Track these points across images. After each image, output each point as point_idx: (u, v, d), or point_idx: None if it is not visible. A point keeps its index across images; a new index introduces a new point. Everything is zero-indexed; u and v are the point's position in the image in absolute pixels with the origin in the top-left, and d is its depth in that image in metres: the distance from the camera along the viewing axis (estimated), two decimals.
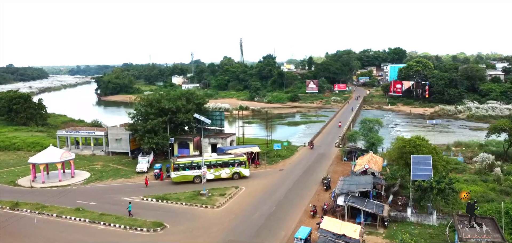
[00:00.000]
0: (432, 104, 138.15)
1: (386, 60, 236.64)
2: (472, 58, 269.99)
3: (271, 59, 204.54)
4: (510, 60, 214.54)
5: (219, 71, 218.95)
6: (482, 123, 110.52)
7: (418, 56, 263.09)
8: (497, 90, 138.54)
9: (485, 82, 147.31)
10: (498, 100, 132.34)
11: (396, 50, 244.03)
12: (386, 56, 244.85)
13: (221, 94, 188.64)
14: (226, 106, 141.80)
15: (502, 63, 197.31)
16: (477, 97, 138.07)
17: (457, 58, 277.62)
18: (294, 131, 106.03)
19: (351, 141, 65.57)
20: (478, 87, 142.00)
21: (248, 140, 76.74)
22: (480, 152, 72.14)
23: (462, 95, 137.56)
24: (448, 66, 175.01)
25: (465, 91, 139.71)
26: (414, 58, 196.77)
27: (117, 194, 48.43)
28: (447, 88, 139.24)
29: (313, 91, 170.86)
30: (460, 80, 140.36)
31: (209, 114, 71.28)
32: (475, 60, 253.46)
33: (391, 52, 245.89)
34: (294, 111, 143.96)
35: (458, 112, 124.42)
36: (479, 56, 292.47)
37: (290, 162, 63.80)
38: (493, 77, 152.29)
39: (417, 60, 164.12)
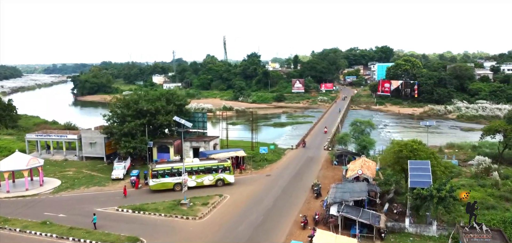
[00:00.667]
0: (421, 104, 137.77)
1: (373, 58, 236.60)
2: (459, 57, 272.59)
3: (256, 57, 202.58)
4: (497, 59, 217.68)
5: (201, 70, 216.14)
6: (472, 124, 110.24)
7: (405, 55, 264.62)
8: (486, 90, 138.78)
9: (474, 81, 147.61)
10: (487, 99, 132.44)
11: (383, 49, 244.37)
12: (373, 54, 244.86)
13: (204, 94, 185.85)
14: (209, 107, 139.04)
15: (489, 62, 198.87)
16: (466, 96, 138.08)
17: (444, 57, 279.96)
18: (280, 132, 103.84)
19: (342, 144, 63.51)
20: (467, 86, 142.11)
21: (233, 143, 74.13)
22: (474, 154, 71.15)
23: (451, 95, 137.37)
24: (436, 65, 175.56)
25: (454, 90, 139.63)
26: (401, 57, 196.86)
27: (89, 204, 45.22)
28: (436, 88, 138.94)
29: (299, 90, 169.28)
30: (449, 80, 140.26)
31: (191, 116, 68.43)
32: (462, 59, 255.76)
33: (378, 50, 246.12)
34: (280, 112, 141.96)
35: (448, 112, 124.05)
36: (466, 55, 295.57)
37: (278, 166, 61.41)
38: (482, 76, 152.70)
39: (406, 58, 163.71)
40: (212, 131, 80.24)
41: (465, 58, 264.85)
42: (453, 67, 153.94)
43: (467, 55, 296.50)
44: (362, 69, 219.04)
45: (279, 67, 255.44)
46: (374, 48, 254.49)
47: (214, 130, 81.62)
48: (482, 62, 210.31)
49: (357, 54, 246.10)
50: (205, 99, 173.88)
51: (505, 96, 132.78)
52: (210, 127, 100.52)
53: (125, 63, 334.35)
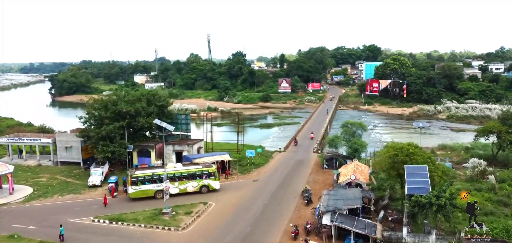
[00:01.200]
0: (410, 103, 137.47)
1: (360, 57, 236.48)
2: (446, 56, 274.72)
3: (241, 56, 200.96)
4: (484, 58, 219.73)
5: (185, 69, 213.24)
6: (463, 124, 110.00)
7: (392, 54, 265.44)
8: (475, 89, 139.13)
9: (463, 80, 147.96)
10: (477, 99, 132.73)
11: (371, 48, 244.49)
12: (360, 53, 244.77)
13: (188, 94, 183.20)
14: (193, 107, 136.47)
15: (477, 61, 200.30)
16: (456, 96, 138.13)
17: (432, 56, 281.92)
18: (267, 134, 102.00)
19: (332, 147, 61.84)
20: (456, 86, 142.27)
21: (218, 146, 71.93)
22: (466, 156, 70.48)
23: (440, 95, 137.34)
24: (424, 64, 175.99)
25: (444, 90, 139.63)
26: (389, 56, 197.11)
27: (63, 214, 42.56)
28: (425, 87, 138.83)
29: (285, 90, 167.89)
30: (438, 79, 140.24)
31: (174, 118, 66.09)
32: (449, 58, 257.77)
33: (366, 49, 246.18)
34: (266, 112, 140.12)
35: (437, 112, 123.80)
36: (453, 54, 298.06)
37: (265, 170, 59.45)
38: (470, 76, 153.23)
39: (394, 57, 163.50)
40: (196, 133, 78.03)
41: (453, 57, 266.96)
42: (441, 66, 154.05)
43: (454, 54, 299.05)
44: (350, 69, 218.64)
45: (265, 66, 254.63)
46: (362, 47, 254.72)
47: (198, 132, 79.30)
48: (469, 61, 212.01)
49: (344, 53, 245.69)
50: (189, 99, 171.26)
51: (494, 96, 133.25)
52: (194, 129, 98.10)
53: (106, 62, 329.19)
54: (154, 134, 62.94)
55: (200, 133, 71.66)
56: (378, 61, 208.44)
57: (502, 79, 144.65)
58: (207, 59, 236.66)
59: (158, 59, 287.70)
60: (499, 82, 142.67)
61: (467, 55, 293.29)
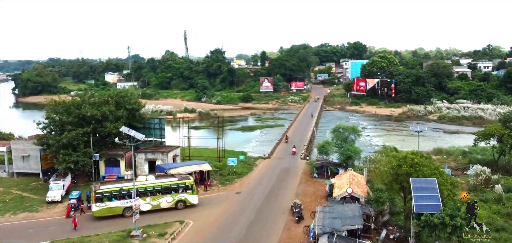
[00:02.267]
0: (399, 104, 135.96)
1: (345, 55, 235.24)
2: (432, 54, 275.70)
3: (220, 54, 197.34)
4: (472, 56, 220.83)
5: (160, 68, 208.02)
6: (456, 125, 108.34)
7: (377, 51, 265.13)
8: (466, 88, 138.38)
9: (453, 79, 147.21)
10: (468, 99, 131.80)
11: (356, 45, 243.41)
12: (345, 51, 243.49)
13: (163, 93, 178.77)
14: (168, 109, 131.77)
15: (465, 59, 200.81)
16: (446, 95, 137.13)
17: (417, 53, 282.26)
18: (248, 137, 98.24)
19: (322, 153, 58.21)
20: (446, 85, 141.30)
21: (196, 152, 67.54)
22: (464, 161, 68.13)
23: (430, 94, 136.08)
24: (412, 62, 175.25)
25: (433, 89, 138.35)
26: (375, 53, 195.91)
27: (15, 238, 37.73)
28: (414, 87, 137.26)
29: (267, 90, 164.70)
30: (427, 78, 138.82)
31: (146, 122, 61.53)
32: (435, 56, 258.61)
33: (351, 47, 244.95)
34: (248, 113, 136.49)
35: (428, 113, 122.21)
36: (439, 52, 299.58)
37: (249, 181, 55.46)
38: (460, 74, 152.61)
39: (382, 55, 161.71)
40: (172, 137, 73.30)
41: (439, 55, 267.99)
42: (430, 64, 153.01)
43: (440, 52, 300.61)
44: (334, 67, 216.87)
45: (245, 65, 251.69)
46: (346, 44, 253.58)
47: (174, 136, 74.50)
48: (456, 58, 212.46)
49: (328, 50, 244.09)
50: (164, 99, 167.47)
51: (485, 95, 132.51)
52: (170, 133, 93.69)
53: (75, 60, 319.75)
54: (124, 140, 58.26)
55: (176, 138, 67.07)
56: (363, 59, 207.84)
57: (493, 78, 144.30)
58: (184, 56, 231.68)
59: (131, 56, 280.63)
60: (490, 80, 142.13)
61: (453, 52, 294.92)
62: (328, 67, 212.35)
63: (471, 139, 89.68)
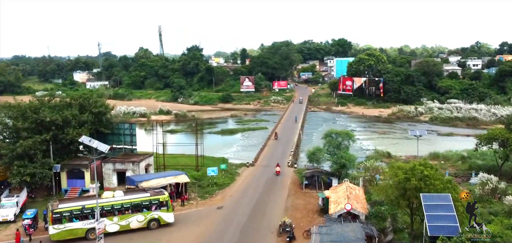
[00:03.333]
0: (388, 104, 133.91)
1: (329, 53, 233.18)
2: (418, 51, 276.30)
3: (197, 51, 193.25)
4: (460, 53, 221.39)
5: (133, 66, 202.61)
6: (449, 127, 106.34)
7: (361, 49, 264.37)
8: (457, 87, 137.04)
9: (443, 78, 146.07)
10: (459, 98, 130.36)
11: (341, 42, 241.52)
12: (329, 48, 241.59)
13: (136, 94, 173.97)
14: (142, 110, 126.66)
15: (454, 57, 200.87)
16: (436, 95, 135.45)
17: (403, 51, 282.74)
18: (229, 141, 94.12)
19: (313, 161, 54.48)
20: (436, 84, 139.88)
21: (172, 160, 63.29)
22: (464, 167, 65.58)
23: (420, 93, 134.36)
24: (400, 60, 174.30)
25: (423, 88, 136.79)
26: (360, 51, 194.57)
27: None
28: (403, 86, 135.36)
29: (248, 89, 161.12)
30: (417, 77, 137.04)
31: (115, 128, 56.89)
32: (422, 53, 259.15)
33: (335, 44, 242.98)
34: (227, 115, 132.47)
35: (419, 114, 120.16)
36: (425, 49, 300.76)
37: (231, 193, 51.40)
38: (450, 73, 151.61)
39: (369, 52, 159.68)
40: (145, 143, 67.97)
41: (425, 52, 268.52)
42: (419, 62, 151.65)
43: (426, 49, 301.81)
44: (318, 65, 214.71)
45: (224, 63, 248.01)
46: (330, 41, 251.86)
47: (147, 141, 68.66)
48: (444, 56, 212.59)
49: (311, 47, 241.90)
50: (138, 100, 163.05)
51: (477, 95, 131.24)
52: (143, 136, 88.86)
53: (41, 57, 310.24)
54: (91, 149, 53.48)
55: (150, 144, 62.20)
56: (348, 56, 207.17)
57: (485, 77, 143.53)
58: (159, 54, 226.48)
59: (102, 54, 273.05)
60: (482, 79, 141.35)
61: (439, 50, 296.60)
62: (312, 65, 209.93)
63: (466, 142, 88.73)
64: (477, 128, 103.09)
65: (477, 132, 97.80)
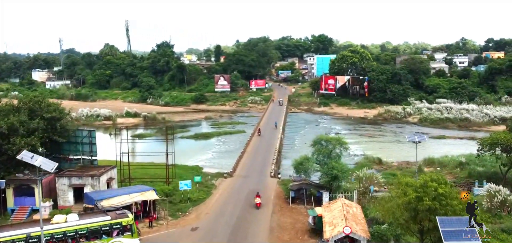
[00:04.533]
0: (373, 104, 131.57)
1: (309, 49, 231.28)
2: (401, 48, 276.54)
3: (168, 48, 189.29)
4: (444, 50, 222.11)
5: (98, 64, 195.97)
6: (440, 129, 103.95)
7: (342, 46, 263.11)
8: (445, 86, 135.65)
9: (430, 76, 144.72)
10: (448, 97, 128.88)
11: (321, 38, 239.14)
12: (309, 45, 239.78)
13: (101, 94, 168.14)
14: (107, 112, 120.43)
15: (440, 54, 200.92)
16: (423, 94, 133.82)
17: (386, 47, 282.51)
18: (204, 146, 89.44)
19: (300, 172, 50.20)
20: (423, 82, 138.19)
21: (140, 170, 58.09)
22: (462, 174, 62.60)
23: (407, 93, 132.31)
24: (384, 57, 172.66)
25: (410, 87, 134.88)
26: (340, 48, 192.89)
27: None
28: (389, 85, 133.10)
29: (224, 89, 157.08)
30: (404, 75, 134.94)
31: (71, 136, 51.55)
32: (404, 50, 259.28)
33: (315, 40, 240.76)
34: (201, 117, 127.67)
35: (407, 115, 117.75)
36: (408, 46, 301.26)
37: (207, 210, 46.75)
38: (437, 70, 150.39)
39: (353, 49, 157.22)
40: (109, 150, 62.23)
41: (408, 49, 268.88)
42: (406, 59, 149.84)
43: (408, 46, 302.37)
44: (298, 62, 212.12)
45: (197, 60, 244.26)
46: (310, 37, 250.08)
47: (112, 148, 62.73)
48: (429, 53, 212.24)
49: (290, 44, 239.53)
50: (102, 101, 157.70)
51: (466, 94, 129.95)
52: (108, 142, 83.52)
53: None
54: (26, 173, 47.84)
55: (114, 152, 56.71)
56: (329, 53, 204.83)
57: (473, 75, 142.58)
58: (126, 51, 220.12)
59: (64, 51, 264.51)
60: (471, 77, 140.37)
61: (423, 46, 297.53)
62: (291, 62, 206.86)
63: (460, 145, 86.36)
64: (469, 130, 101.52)
65: (470, 135, 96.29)
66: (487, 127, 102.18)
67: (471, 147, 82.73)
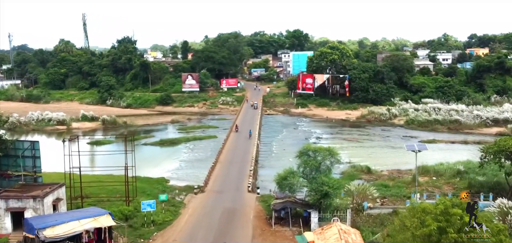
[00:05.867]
0: (355, 104, 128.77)
1: (283, 46, 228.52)
2: (380, 45, 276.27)
3: (130, 44, 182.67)
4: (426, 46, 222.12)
5: (52, 61, 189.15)
6: (428, 132, 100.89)
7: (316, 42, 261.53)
8: (431, 85, 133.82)
9: (414, 74, 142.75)
10: (434, 97, 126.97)
11: (296, 34, 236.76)
12: (283, 41, 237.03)
13: (55, 95, 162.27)
14: (60, 116, 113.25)
15: (423, 50, 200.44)
16: (408, 94, 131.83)
17: (364, 44, 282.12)
18: (170, 154, 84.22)
19: (284, 188, 45.24)
20: (408, 81, 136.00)
21: (95, 186, 52.40)
22: (462, 184, 59.19)
23: (390, 93, 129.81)
24: (364, 54, 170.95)
25: (394, 86, 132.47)
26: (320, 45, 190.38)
27: None
28: (371, 83, 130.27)
29: (192, 89, 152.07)
30: (387, 73, 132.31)
31: (10, 148, 45.57)
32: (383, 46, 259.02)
33: (290, 35, 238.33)
34: (167, 120, 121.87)
35: (392, 116, 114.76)
36: (387, 42, 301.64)
37: (175, 236, 41.55)
38: (422, 68, 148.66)
39: (332, 45, 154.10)
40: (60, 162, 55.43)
41: (387, 45, 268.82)
42: (389, 56, 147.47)
43: (387, 42, 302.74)
44: (272, 59, 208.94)
45: (162, 57, 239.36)
46: (285, 32, 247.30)
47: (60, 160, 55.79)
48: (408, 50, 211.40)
49: (263, 40, 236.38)
50: (57, 103, 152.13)
51: (454, 93, 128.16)
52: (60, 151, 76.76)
53: None
54: None
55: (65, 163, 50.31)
56: (305, 50, 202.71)
57: (460, 73, 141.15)
58: (83, 47, 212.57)
59: (15, 47, 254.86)
60: (458, 76, 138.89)
61: (402, 43, 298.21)
62: (264, 59, 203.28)
63: (453, 150, 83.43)
64: (460, 133, 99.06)
65: (462, 138, 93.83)
66: (479, 129, 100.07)
67: (465, 152, 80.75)
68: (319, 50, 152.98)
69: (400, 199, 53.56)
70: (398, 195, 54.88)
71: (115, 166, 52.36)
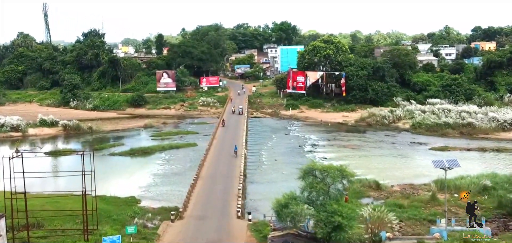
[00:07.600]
0: (352, 105, 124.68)
1: (270, 40, 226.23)
2: (375, 38, 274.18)
3: (98, 37, 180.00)
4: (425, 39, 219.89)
5: (8, 58, 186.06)
6: (437, 137, 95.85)
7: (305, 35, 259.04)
8: (436, 83, 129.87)
9: (417, 71, 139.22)
10: (440, 97, 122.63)
11: (284, 26, 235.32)
12: (269, 34, 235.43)
13: (11, 96, 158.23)
14: (15, 121, 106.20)
15: (424, 44, 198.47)
16: (411, 93, 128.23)
17: (357, 37, 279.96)
18: (142, 165, 78.31)
19: (286, 219, 38.81)
20: (410, 79, 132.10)
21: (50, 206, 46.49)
22: (490, 203, 53.92)
23: (392, 92, 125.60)
24: (359, 49, 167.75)
25: (396, 85, 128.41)
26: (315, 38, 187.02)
27: None
28: (370, 82, 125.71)
29: (168, 88, 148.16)
30: (388, 70, 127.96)
31: None
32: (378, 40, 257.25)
33: (277, 28, 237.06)
34: (140, 125, 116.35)
35: (396, 119, 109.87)
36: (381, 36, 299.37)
37: None
38: (425, 64, 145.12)
39: (326, 39, 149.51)
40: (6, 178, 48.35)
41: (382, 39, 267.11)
42: (388, 51, 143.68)
43: (382, 36, 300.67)
44: (257, 55, 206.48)
45: (135, 53, 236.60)
46: (271, 25, 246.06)
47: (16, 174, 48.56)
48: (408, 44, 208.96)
49: (247, 33, 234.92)
50: (13, 105, 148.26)
51: (462, 93, 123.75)
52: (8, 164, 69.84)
53: None
54: None
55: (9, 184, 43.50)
56: (294, 44, 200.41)
57: (469, 69, 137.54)
58: (44, 42, 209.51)
59: None
60: (466, 72, 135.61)
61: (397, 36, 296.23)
62: (249, 55, 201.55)
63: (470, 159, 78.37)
64: (475, 138, 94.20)
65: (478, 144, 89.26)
66: (496, 134, 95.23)
67: (486, 162, 75.98)
68: (312, 44, 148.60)
69: (420, 223, 48.24)
70: (417, 218, 49.46)
71: (74, 184, 45.99)
